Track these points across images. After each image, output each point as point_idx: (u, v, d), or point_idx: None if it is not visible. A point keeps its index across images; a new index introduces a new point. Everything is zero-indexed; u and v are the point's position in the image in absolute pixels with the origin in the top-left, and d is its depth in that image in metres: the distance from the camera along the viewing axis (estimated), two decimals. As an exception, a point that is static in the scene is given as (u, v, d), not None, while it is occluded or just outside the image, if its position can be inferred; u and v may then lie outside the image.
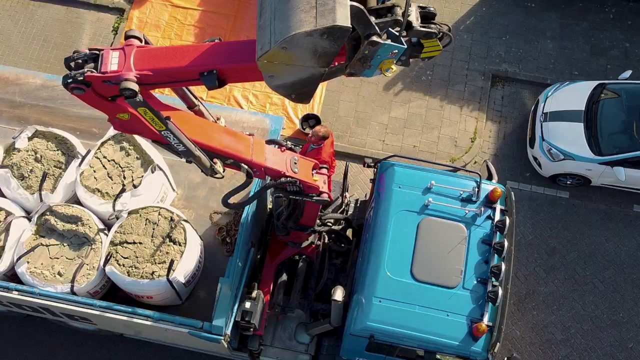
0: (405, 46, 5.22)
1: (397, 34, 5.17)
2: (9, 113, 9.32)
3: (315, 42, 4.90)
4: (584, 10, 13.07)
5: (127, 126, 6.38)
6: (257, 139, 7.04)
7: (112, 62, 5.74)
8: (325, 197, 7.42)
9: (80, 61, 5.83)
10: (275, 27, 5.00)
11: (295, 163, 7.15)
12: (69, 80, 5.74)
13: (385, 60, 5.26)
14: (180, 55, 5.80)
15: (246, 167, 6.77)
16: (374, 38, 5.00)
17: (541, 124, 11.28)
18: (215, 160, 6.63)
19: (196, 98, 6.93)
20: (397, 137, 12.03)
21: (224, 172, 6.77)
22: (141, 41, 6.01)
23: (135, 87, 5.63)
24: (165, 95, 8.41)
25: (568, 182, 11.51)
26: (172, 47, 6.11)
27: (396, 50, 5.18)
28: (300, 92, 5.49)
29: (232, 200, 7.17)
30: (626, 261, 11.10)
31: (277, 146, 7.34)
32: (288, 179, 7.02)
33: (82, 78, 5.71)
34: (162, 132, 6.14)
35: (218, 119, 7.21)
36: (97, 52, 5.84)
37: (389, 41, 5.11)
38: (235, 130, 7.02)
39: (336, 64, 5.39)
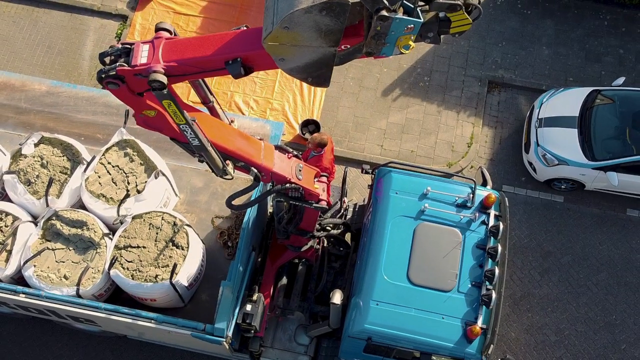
0: (422, 20, 4.86)
1: (413, 6, 4.82)
2: (15, 119, 9.43)
3: (316, 19, 4.74)
4: (579, 17, 13.25)
5: (150, 122, 6.42)
6: (267, 144, 7.15)
7: (141, 55, 5.68)
8: (323, 204, 7.60)
9: (113, 56, 5.80)
10: (278, 7, 4.87)
11: (300, 170, 7.31)
12: (103, 76, 5.72)
13: (401, 36, 4.93)
14: (206, 44, 5.70)
15: (255, 170, 6.91)
16: (383, 12, 4.71)
17: (536, 130, 11.43)
18: (227, 162, 6.76)
19: (212, 94, 6.93)
20: (395, 142, 12.20)
21: (234, 173, 6.89)
22: (171, 33, 5.95)
23: (164, 79, 5.55)
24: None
25: (562, 187, 11.66)
26: (199, 37, 5.99)
27: (412, 25, 4.83)
28: (316, 74, 5.31)
29: (234, 202, 7.29)
30: (619, 264, 11.28)
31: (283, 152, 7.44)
32: (292, 185, 7.17)
33: (114, 73, 5.69)
34: (181, 126, 6.12)
35: (232, 121, 7.31)
36: (129, 46, 5.80)
37: (400, 15, 4.77)
38: (247, 134, 7.14)
39: (350, 45, 5.22)
